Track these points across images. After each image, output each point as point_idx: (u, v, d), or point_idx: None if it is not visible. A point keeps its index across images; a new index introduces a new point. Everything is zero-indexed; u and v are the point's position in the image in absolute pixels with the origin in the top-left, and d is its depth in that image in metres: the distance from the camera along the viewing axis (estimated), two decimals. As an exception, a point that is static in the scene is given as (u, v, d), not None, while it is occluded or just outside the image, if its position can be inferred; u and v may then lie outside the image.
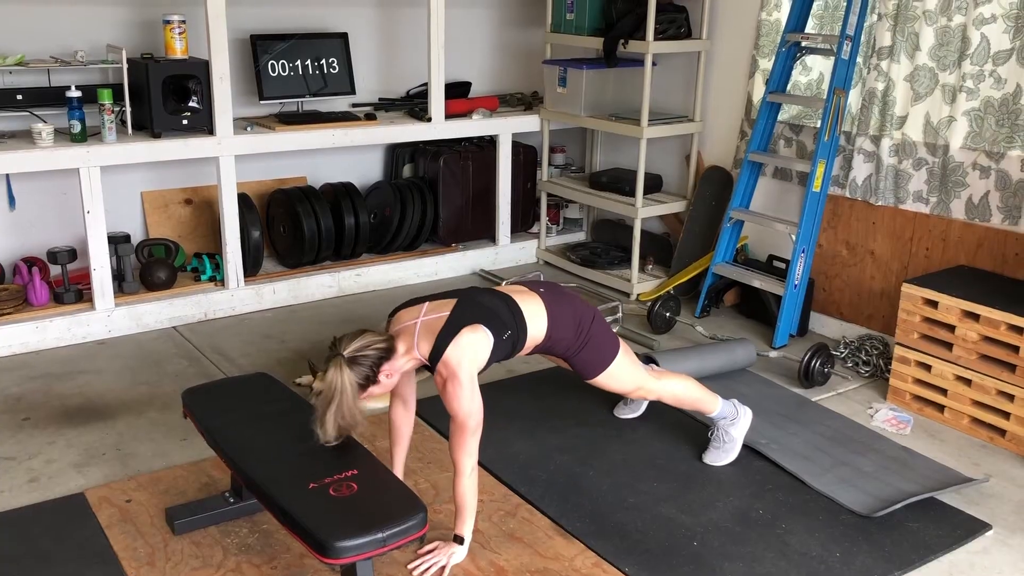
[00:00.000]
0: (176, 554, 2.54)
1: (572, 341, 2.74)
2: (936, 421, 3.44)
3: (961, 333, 3.32)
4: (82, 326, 3.96)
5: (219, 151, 4.10)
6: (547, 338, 2.70)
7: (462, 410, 2.45)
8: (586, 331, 2.74)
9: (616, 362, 2.81)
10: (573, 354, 2.78)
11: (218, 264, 4.35)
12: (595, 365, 2.81)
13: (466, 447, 2.47)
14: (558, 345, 2.74)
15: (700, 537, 2.68)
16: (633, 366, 2.90)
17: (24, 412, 3.36)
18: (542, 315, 2.67)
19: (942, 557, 2.64)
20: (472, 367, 2.47)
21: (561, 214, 5.42)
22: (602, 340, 2.80)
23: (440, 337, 2.47)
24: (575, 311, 2.75)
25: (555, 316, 2.69)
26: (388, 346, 2.45)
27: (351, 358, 2.38)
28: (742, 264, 4.38)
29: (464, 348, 2.46)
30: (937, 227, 3.78)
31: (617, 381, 2.87)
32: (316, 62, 4.57)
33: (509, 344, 2.60)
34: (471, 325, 2.49)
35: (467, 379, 2.45)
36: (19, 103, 3.92)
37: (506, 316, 2.59)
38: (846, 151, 4.03)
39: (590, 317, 2.78)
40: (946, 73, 3.67)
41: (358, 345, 2.40)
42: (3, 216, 4.12)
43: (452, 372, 2.44)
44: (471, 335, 2.48)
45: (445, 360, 2.45)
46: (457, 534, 2.53)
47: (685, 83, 4.77)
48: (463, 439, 2.47)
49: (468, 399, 2.45)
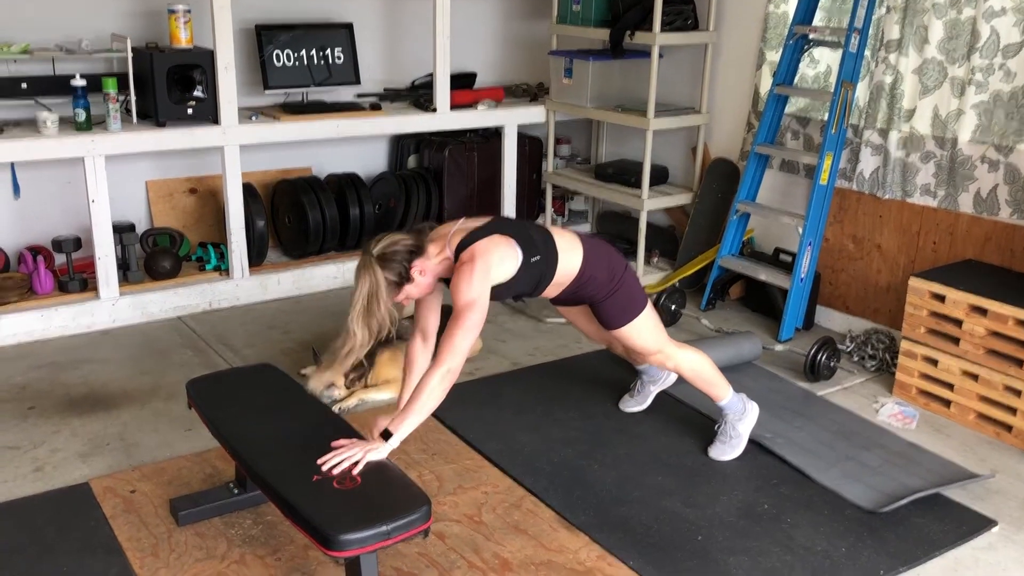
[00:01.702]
0: (180, 545, 2.54)
1: (604, 284, 2.76)
2: (942, 416, 3.43)
3: (968, 328, 3.31)
4: (87, 315, 3.96)
5: (224, 140, 4.09)
6: (580, 274, 2.72)
7: (466, 295, 2.42)
8: (619, 277, 2.78)
9: (643, 315, 2.84)
10: (603, 298, 2.79)
11: (223, 254, 4.34)
12: (622, 313, 2.82)
13: (455, 341, 2.36)
14: (589, 284, 2.76)
15: (705, 531, 2.68)
16: (657, 326, 2.92)
17: (29, 401, 3.36)
18: (578, 251, 2.72)
19: (947, 553, 2.63)
20: (494, 263, 2.48)
21: (566, 206, 5.41)
22: (633, 289, 2.83)
23: (474, 232, 2.52)
24: (610, 257, 2.81)
25: (590, 255, 2.73)
26: (417, 242, 2.48)
27: (381, 255, 2.40)
28: (748, 257, 4.37)
29: (491, 246, 2.49)
30: (945, 221, 3.76)
31: (640, 336, 2.88)
32: (321, 52, 4.55)
33: (538, 271, 2.61)
34: (505, 235, 2.53)
35: (482, 267, 2.44)
36: (24, 92, 3.90)
37: (539, 241, 2.63)
38: (853, 144, 4.00)
39: (623, 266, 2.83)
40: (955, 66, 3.64)
41: (387, 242, 2.44)
42: (8, 205, 4.12)
43: (473, 256, 2.46)
44: (502, 240, 2.52)
45: (473, 247, 2.48)
46: (388, 428, 2.33)
47: (692, 75, 4.74)
48: (455, 330, 2.38)
49: (476, 286, 2.43)
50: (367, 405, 3.36)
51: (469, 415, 3.27)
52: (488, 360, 3.75)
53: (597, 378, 3.59)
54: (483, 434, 3.16)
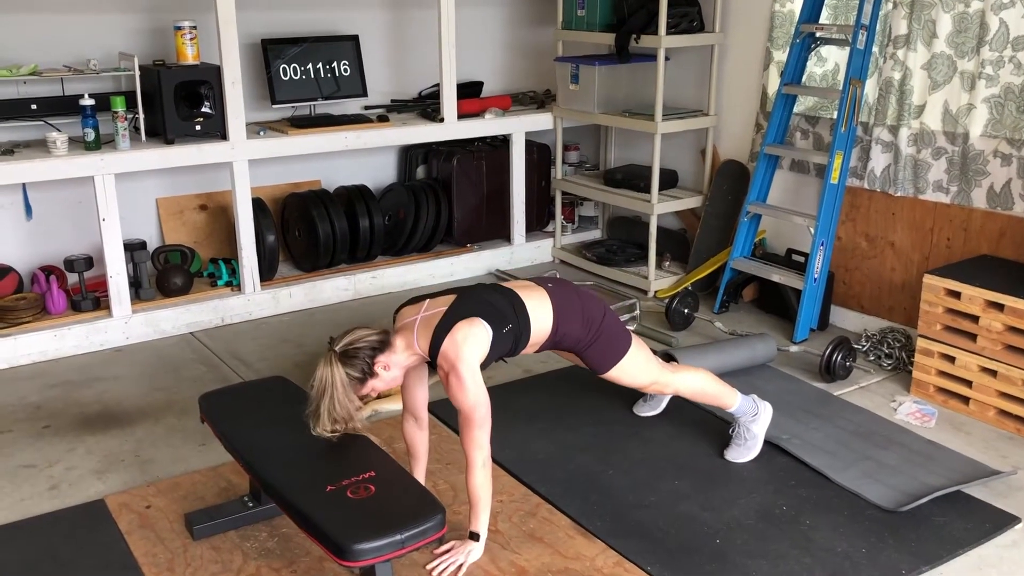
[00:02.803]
0: (196, 559, 2.54)
1: (581, 335, 2.72)
2: (961, 413, 3.39)
3: (985, 323, 3.27)
4: (100, 333, 3.97)
5: (232, 156, 4.10)
6: (554, 331, 2.68)
7: (466, 402, 2.44)
8: (596, 325, 2.73)
9: (629, 355, 2.79)
10: (584, 348, 2.76)
11: (234, 269, 4.35)
12: (607, 359, 2.79)
13: (475, 440, 2.47)
14: (567, 339, 2.72)
15: (723, 535, 2.65)
16: (647, 360, 2.87)
17: (44, 420, 3.37)
18: (547, 308, 2.66)
19: (970, 551, 2.59)
20: (471, 359, 2.46)
21: (576, 212, 5.39)
22: (613, 334, 2.78)
23: (437, 331, 2.48)
24: (583, 305, 2.74)
25: (561, 309, 2.68)
26: (381, 339, 2.46)
27: (343, 352, 2.40)
28: (760, 259, 4.34)
29: (460, 341, 2.46)
30: (958, 217, 3.73)
31: (631, 375, 2.85)
32: (327, 65, 4.57)
33: (511, 338, 2.59)
34: (468, 319, 2.49)
35: (467, 371, 2.44)
36: (34, 112, 3.94)
37: (506, 310, 2.58)
38: (863, 142, 3.98)
39: (600, 311, 2.76)
40: (964, 60, 3.62)
41: (349, 339, 2.43)
42: (21, 225, 4.14)
43: (451, 364, 2.45)
44: (467, 328, 2.47)
45: (443, 353, 2.46)
46: (472, 531, 2.52)
47: (699, 77, 4.73)
48: (471, 431, 2.46)
49: (471, 391, 2.44)
50: (380, 416, 3.35)
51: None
52: (500, 369, 3.73)
53: (610, 384, 3.55)
54: (497, 442, 3.10)
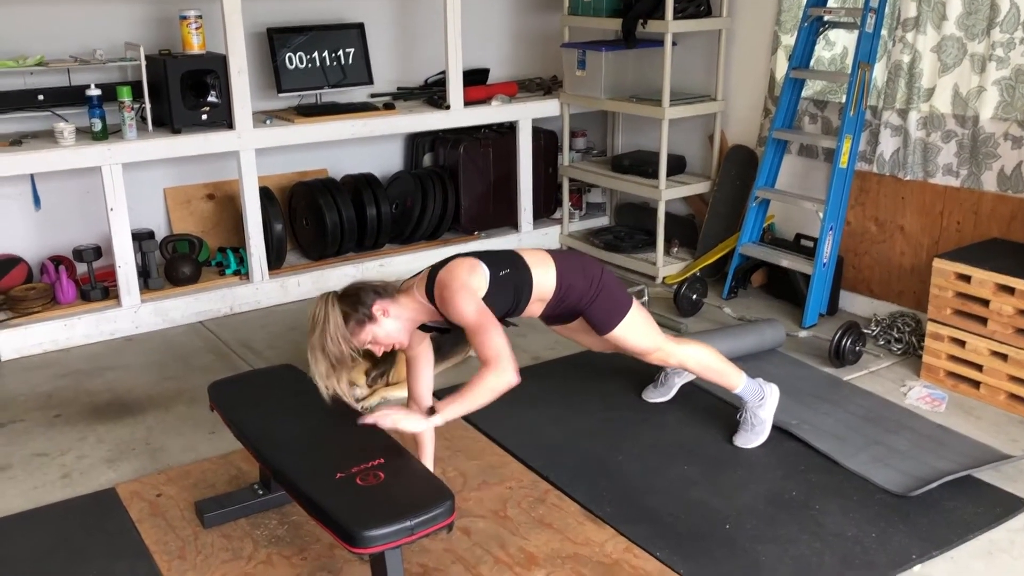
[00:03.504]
0: (207, 547, 2.55)
1: (585, 289, 2.75)
2: (972, 398, 3.37)
3: (996, 307, 3.25)
4: (109, 323, 3.99)
5: (239, 145, 4.10)
6: (559, 285, 2.72)
7: (465, 311, 2.44)
8: (597, 279, 2.78)
9: (632, 314, 2.83)
10: (588, 303, 2.78)
11: (242, 258, 4.36)
12: (612, 314, 2.81)
13: (489, 344, 2.39)
14: (571, 293, 2.75)
15: (733, 520, 2.65)
16: (649, 325, 2.90)
17: (55, 409, 3.38)
18: (549, 264, 2.72)
19: (981, 536, 2.58)
20: (466, 279, 2.49)
21: (584, 199, 5.38)
22: (614, 290, 2.83)
23: (432, 269, 2.57)
24: (583, 262, 2.83)
25: (563, 264, 2.75)
26: (384, 285, 2.53)
27: (341, 293, 2.46)
28: (769, 244, 4.32)
29: (455, 267, 2.53)
30: (968, 200, 3.70)
31: (636, 336, 2.86)
32: (333, 53, 4.55)
33: (511, 286, 2.62)
34: (464, 257, 2.60)
35: (460, 286, 2.47)
36: (40, 103, 3.94)
37: (504, 258, 2.65)
38: (872, 126, 3.95)
39: (598, 268, 2.83)
40: (975, 42, 3.58)
41: (353, 283, 2.51)
42: (29, 216, 4.15)
43: (445, 284, 2.49)
44: (463, 260, 2.57)
45: (439, 279, 2.51)
46: (434, 406, 2.43)
47: (706, 62, 4.70)
48: (483, 338, 2.41)
49: (470, 301, 2.46)
50: (389, 403, 3.35)
51: (492, 411, 3.20)
52: (509, 355, 3.74)
53: (619, 370, 3.57)
54: (506, 429, 3.15)
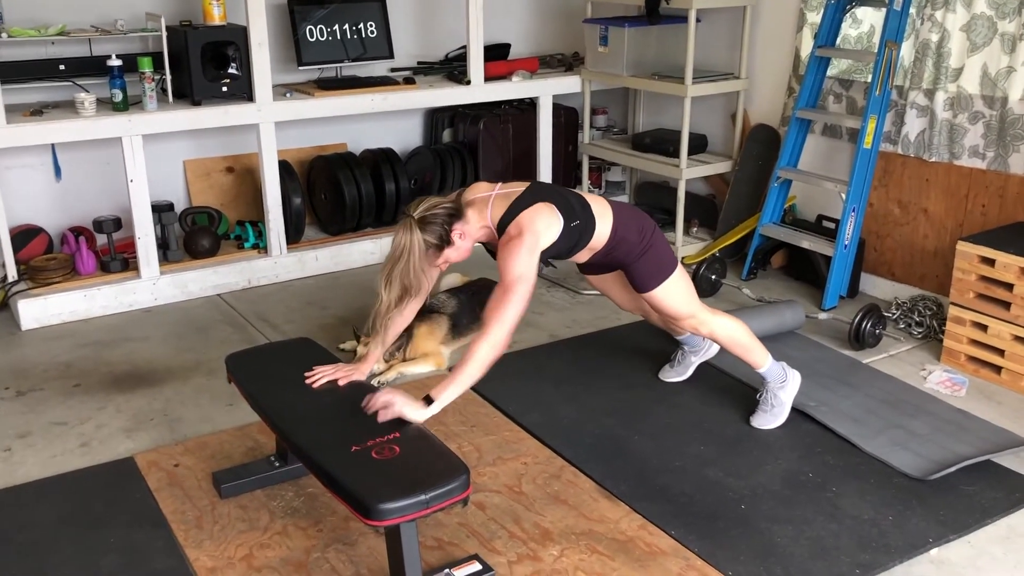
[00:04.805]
0: (223, 517, 2.57)
1: (635, 244, 2.78)
2: (993, 383, 3.34)
3: (1020, 291, 3.21)
4: (128, 294, 4.01)
5: (259, 118, 4.10)
6: (612, 236, 2.74)
7: (515, 269, 2.44)
8: (648, 238, 2.80)
9: (674, 276, 2.84)
10: (634, 259, 2.80)
11: (261, 232, 4.36)
12: (654, 274, 2.82)
13: (504, 311, 2.36)
14: (621, 246, 2.77)
15: (748, 500, 2.64)
16: (689, 290, 2.91)
17: (74, 379, 3.41)
18: (609, 214, 2.75)
19: (999, 521, 2.56)
20: (540, 234, 2.51)
21: (603, 177, 5.35)
22: (662, 250, 2.84)
23: (516, 202, 2.54)
24: (639, 219, 2.84)
25: (620, 217, 2.76)
26: (456, 206, 2.51)
27: (421, 218, 2.42)
28: (790, 225, 4.28)
29: (537, 215, 2.52)
30: (994, 183, 3.65)
31: (673, 299, 2.87)
32: (354, 27, 4.53)
33: (576, 235, 2.65)
34: (546, 202, 2.56)
35: (531, 241, 2.48)
36: (62, 73, 3.95)
37: (577, 206, 2.66)
38: (898, 106, 3.89)
39: (651, 227, 2.84)
40: (1005, 21, 3.52)
41: (427, 205, 2.46)
42: (50, 186, 4.17)
43: (521, 230, 2.49)
44: (545, 208, 2.55)
45: (519, 220, 2.50)
46: (429, 394, 2.33)
47: (730, 39, 4.64)
48: (505, 300, 2.38)
49: (525, 261, 2.46)
50: (406, 378, 3.36)
51: (508, 387, 3.25)
52: (526, 332, 3.73)
53: (636, 349, 3.56)
54: (522, 406, 3.15)
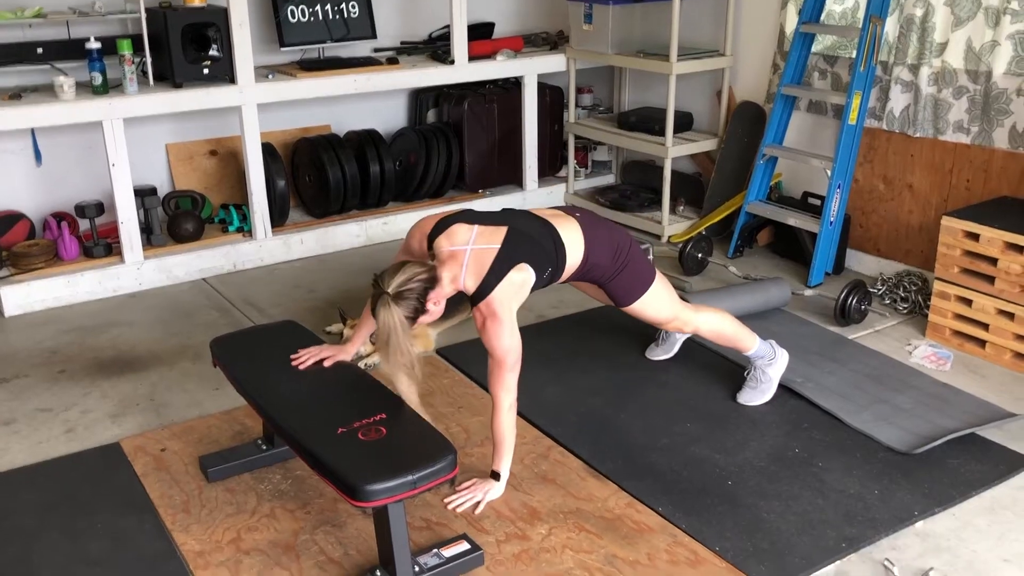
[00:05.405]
0: (211, 501, 2.56)
1: (609, 266, 2.73)
2: (977, 357, 3.36)
3: (1004, 266, 3.22)
4: (112, 279, 3.98)
5: (241, 100, 4.06)
6: (583, 263, 2.69)
7: (501, 347, 2.46)
8: (623, 256, 2.74)
9: (652, 289, 2.81)
10: (609, 279, 2.76)
11: (245, 215, 4.34)
12: (631, 291, 2.79)
13: (504, 383, 2.49)
14: (594, 270, 2.73)
15: (735, 476, 2.65)
16: (669, 295, 2.88)
17: (59, 365, 3.39)
18: (580, 241, 2.67)
19: (983, 493, 2.58)
20: (513, 306, 2.50)
21: (589, 156, 5.33)
22: (638, 266, 2.79)
23: (489, 275, 2.46)
24: (611, 236, 2.76)
25: (592, 241, 2.69)
26: (431, 276, 2.42)
27: (396, 294, 2.34)
28: (776, 202, 4.28)
29: (507, 290, 2.47)
30: (978, 158, 3.65)
31: (653, 309, 2.85)
32: (336, 7, 4.49)
33: (548, 277, 2.63)
34: (518, 265, 2.49)
35: (507, 318, 2.46)
36: (40, 56, 3.89)
37: (549, 249, 2.60)
38: (883, 82, 3.89)
39: (627, 243, 2.78)
40: (989, -5, 3.51)
41: (401, 280, 2.36)
42: (31, 171, 4.13)
43: (493, 312, 2.45)
44: (517, 276, 2.49)
45: (488, 301, 2.46)
46: (494, 470, 2.57)
47: (715, 16, 4.62)
48: (501, 375, 2.48)
49: (508, 336, 2.46)
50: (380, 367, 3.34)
51: (495, 367, 3.25)
52: (513, 313, 3.73)
53: (622, 329, 3.56)
54: (509, 386, 3.14)
